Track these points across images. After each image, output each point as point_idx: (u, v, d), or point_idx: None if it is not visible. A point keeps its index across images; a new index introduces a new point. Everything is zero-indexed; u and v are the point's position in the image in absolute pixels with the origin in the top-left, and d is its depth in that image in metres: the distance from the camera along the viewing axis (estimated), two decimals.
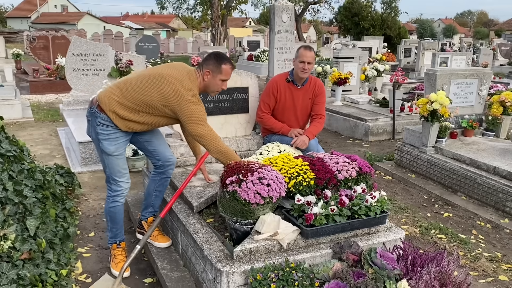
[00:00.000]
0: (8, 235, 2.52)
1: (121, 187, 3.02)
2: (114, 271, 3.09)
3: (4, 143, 3.24)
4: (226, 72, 2.91)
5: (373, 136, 7.18)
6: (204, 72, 2.88)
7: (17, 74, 12.71)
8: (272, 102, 4.09)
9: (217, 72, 2.88)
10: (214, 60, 2.89)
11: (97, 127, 2.86)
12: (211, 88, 2.95)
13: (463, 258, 3.48)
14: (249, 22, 66.81)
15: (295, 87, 4.10)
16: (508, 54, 20.50)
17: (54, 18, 52.39)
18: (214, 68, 2.88)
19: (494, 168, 4.45)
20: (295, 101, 4.10)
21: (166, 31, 50.09)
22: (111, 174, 2.99)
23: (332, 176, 2.86)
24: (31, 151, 4.11)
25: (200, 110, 2.81)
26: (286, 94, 4.09)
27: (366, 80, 9.55)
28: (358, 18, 33.61)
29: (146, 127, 2.97)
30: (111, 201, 3.04)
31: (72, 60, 6.53)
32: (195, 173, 3.14)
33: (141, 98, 2.81)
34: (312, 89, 4.14)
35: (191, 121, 2.79)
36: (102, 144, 2.88)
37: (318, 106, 4.15)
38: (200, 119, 2.80)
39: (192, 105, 2.77)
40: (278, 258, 2.51)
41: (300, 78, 4.05)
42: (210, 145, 2.84)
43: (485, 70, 5.93)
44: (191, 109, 2.76)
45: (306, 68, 3.96)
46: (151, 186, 3.29)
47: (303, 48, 4.03)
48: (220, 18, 24.29)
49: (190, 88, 2.80)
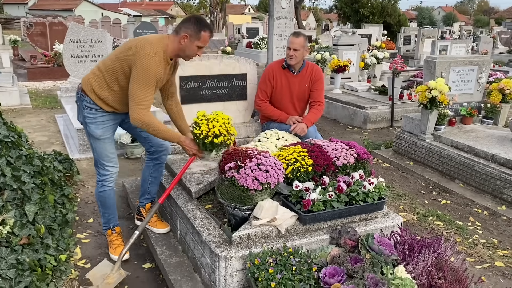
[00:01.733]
0: (7, 220, 2.52)
1: (109, 171, 3.03)
2: (113, 256, 3.11)
3: (2, 129, 3.23)
4: (204, 39, 2.78)
5: (372, 124, 7.17)
6: (182, 35, 2.75)
7: (14, 61, 12.62)
8: (268, 89, 4.05)
9: (195, 38, 2.76)
10: (194, 25, 2.75)
11: (84, 110, 2.87)
12: (186, 52, 2.82)
13: (460, 245, 3.51)
14: (248, 9, 66.28)
15: (291, 74, 4.05)
16: (508, 42, 20.42)
17: (51, 4, 51.85)
18: (193, 33, 2.74)
19: (492, 156, 4.46)
20: (291, 87, 4.06)
21: (164, 18, 49.72)
22: (99, 158, 2.99)
23: (330, 163, 2.87)
24: (29, 137, 4.10)
25: (152, 67, 2.65)
26: (282, 81, 4.04)
27: (365, 67, 9.52)
28: (358, 5, 33.32)
29: (124, 107, 2.87)
30: (100, 186, 3.06)
31: (69, 46, 6.48)
32: (193, 160, 3.14)
33: (110, 65, 2.78)
34: (309, 75, 4.07)
35: (137, 78, 2.65)
36: (89, 127, 2.90)
37: (316, 92, 4.09)
38: (146, 80, 2.65)
39: (146, 60, 2.64)
40: (276, 243, 2.52)
41: (292, 65, 3.99)
42: (132, 110, 2.70)
43: (485, 57, 5.91)
44: (144, 63, 2.64)
45: (292, 55, 3.88)
46: (146, 173, 3.32)
47: (292, 34, 3.95)
48: (219, 5, 24.10)
49: (152, 45, 2.70)
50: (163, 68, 2.78)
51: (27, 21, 13.15)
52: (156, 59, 2.68)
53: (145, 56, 2.64)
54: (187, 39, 2.75)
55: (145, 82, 2.66)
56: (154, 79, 2.70)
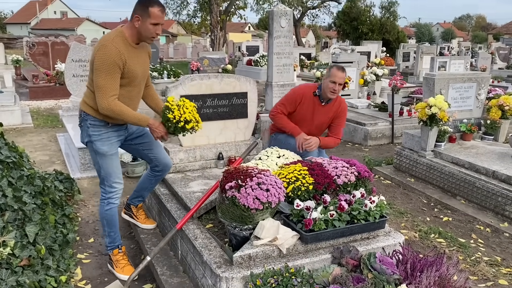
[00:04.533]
0: (8, 242, 2.52)
1: (115, 188, 3.07)
2: (120, 275, 3.09)
3: (4, 150, 3.25)
4: (155, 15, 2.72)
5: (372, 140, 7.19)
6: (134, 18, 2.76)
7: (16, 80, 12.73)
8: (291, 109, 4.10)
9: (145, 16, 2.72)
10: (140, 4, 2.73)
11: (89, 129, 2.92)
12: (144, 34, 2.79)
13: (463, 262, 3.48)
14: (248, 27, 66.98)
15: (319, 103, 4.07)
16: (506, 57, 20.56)
17: (53, 24, 52.53)
18: (142, 12, 2.72)
19: (493, 172, 4.46)
20: (315, 116, 4.09)
21: (165, 36, 50.20)
22: (106, 175, 3.02)
23: (331, 181, 2.87)
24: (30, 157, 4.11)
25: (109, 55, 2.68)
26: (309, 108, 4.07)
27: (365, 84, 9.58)
28: (357, 22, 33.73)
29: None
30: (106, 204, 3.07)
31: (71, 66, 6.54)
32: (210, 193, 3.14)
33: (91, 76, 2.84)
34: (335, 109, 4.10)
35: (98, 68, 2.70)
36: (95, 145, 2.94)
37: (337, 128, 4.15)
38: (107, 68, 2.69)
39: (103, 50, 2.69)
40: (277, 263, 2.51)
41: (327, 97, 4.02)
42: (99, 100, 2.74)
43: (483, 74, 5.95)
44: (101, 53, 2.69)
45: (336, 89, 3.92)
46: (146, 183, 3.47)
47: (336, 68, 3.95)
48: (219, 24, 24.35)
49: (106, 36, 2.78)
50: (128, 52, 2.79)
51: (30, 41, 13.29)
52: (113, 46, 2.72)
53: (101, 47, 2.72)
54: (139, 21, 2.75)
55: (106, 70, 2.70)
56: (115, 66, 2.72)
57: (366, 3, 35.15)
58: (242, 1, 28.23)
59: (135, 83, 2.94)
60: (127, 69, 2.80)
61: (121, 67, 2.76)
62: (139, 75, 2.94)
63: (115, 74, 2.74)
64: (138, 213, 3.63)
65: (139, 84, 3.00)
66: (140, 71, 2.94)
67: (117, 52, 2.72)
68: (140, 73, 2.94)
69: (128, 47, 2.81)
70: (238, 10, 28.16)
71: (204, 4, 26.23)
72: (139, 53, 2.92)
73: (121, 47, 2.75)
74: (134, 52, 2.86)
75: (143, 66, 2.98)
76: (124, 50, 2.77)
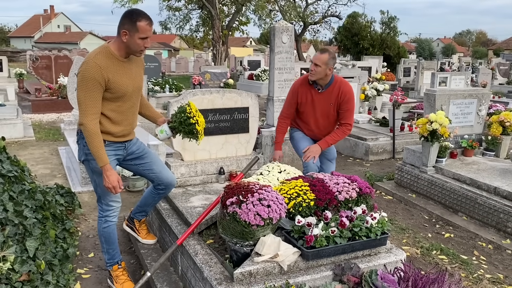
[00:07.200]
0: (8, 257, 2.51)
1: (112, 206, 3.04)
2: None
3: (6, 164, 3.26)
4: (143, 29, 2.68)
5: (374, 156, 7.19)
6: (122, 33, 2.71)
7: (19, 93, 12.81)
8: (292, 107, 4.12)
9: (133, 31, 2.68)
10: (128, 19, 2.69)
11: (85, 147, 2.85)
12: (132, 48, 2.76)
13: (465, 280, 3.45)
14: (249, 41, 67.51)
15: (315, 91, 4.02)
16: (507, 73, 20.65)
17: (57, 37, 53.06)
18: (130, 27, 2.68)
19: (495, 188, 4.44)
20: (315, 104, 4.01)
21: (167, 51, 50.59)
22: (103, 194, 2.99)
23: (332, 197, 2.86)
24: (32, 170, 4.12)
25: (88, 73, 2.65)
26: (307, 96, 4.02)
27: (365, 99, 9.60)
28: (358, 38, 33.98)
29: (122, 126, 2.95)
30: (104, 221, 3.05)
31: (74, 79, 6.58)
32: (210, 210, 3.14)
33: None
34: (336, 94, 3.98)
35: (79, 85, 2.69)
36: (91, 164, 2.89)
37: (345, 113, 4.04)
38: (86, 85, 2.66)
39: (84, 67, 2.68)
40: (278, 280, 2.49)
41: (317, 81, 3.94)
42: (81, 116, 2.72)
43: (484, 90, 5.97)
44: (81, 71, 2.68)
45: (312, 69, 3.88)
46: (149, 200, 3.43)
47: (319, 50, 4.01)
48: (221, 38, 24.56)
49: (90, 54, 2.76)
50: (113, 66, 2.75)
51: (33, 55, 13.40)
52: (93, 62, 2.68)
53: (82, 64, 2.72)
54: (127, 35, 2.71)
55: (85, 86, 2.67)
56: (95, 83, 2.67)
57: (367, 19, 35.47)
58: (245, 17, 28.51)
59: (125, 97, 2.86)
60: (113, 84, 2.74)
61: (103, 84, 2.70)
62: (129, 89, 2.86)
63: (95, 92, 2.69)
64: (141, 228, 3.60)
65: (130, 98, 2.92)
66: (130, 84, 2.87)
67: (97, 68, 2.68)
68: (130, 87, 2.86)
69: (114, 62, 2.76)
70: (241, 25, 28.42)
71: (207, 19, 26.49)
72: (128, 66, 2.86)
73: (103, 63, 2.71)
74: (122, 66, 2.81)
75: (134, 79, 2.91)
76: (108, 65, 2.73)
